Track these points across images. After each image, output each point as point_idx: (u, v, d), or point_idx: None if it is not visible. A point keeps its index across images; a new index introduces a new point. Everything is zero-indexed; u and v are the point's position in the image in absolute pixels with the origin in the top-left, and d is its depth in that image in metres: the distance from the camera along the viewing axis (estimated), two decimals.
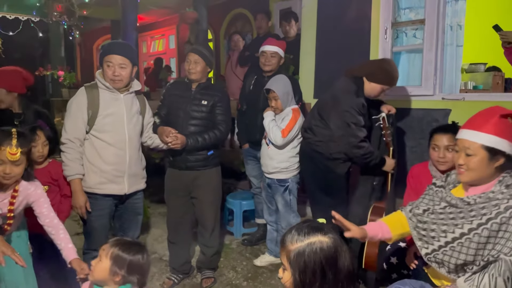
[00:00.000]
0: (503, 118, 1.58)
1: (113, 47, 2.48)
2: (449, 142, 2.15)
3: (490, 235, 1.55)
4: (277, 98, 2.93)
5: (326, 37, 3.86)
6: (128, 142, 2.48)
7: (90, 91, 2.45)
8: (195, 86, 2.85)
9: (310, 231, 1.17)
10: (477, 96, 2.98)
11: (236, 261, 3.33)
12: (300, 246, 1.16)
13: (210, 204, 2.91)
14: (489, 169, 1.60)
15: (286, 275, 1.21)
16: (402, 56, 3.44)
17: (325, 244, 1.15)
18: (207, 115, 2.81)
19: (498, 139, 1.56)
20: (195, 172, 2.84)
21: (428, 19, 3.10)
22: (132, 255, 1.56)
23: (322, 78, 3.89)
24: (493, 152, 1.57)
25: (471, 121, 1.66)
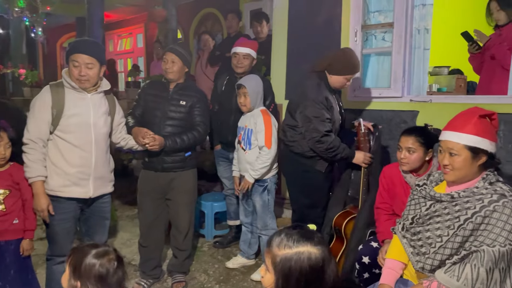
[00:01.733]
0: (482, 118, 1.68)
1: (80, 45, 2.37)
2: (410, 144, 2.20)
3: (474, 228, 1.62)
4: (247, 94, 2.92)
5: (297, 38, 3.87)
6: (95, 144, 2.39)
7: (55, 90, 2.34)
8: (172, 86, 2.79)
9: (300, 239, 1.16)
10: (443, 98, 3.07)
11: (208, 264, 3.28)
12: (287, 252, 1.15)
13: (185, 206, 2.85)
14: (473, 167, 1.68)
15: (269, 277, 1.20)
16: (372, 58, 3.50)
17: (313, 255, 1.14)
18: (185, 115, 2.76)
19: (479, 138, 1.65)
20: (171, 174, 2.78)
21: (396, 22, 3.17)
22: (93, 262, 1.41)
23: (294, 79, 3.91)
24: (476, 151, 1.66)
25: (452, 122, 1.74)
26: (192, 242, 3.08)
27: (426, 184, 1.89)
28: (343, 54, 2.73)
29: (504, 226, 1.57)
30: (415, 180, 2.27)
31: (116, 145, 2.71)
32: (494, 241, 1.56)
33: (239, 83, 2.98)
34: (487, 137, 1.67)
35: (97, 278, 1.41)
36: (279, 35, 4.04)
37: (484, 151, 1.67)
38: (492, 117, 1.72)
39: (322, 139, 2.58)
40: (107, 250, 1.48)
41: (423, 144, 2.20)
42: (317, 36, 3.69)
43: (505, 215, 1.57)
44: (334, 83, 2.71)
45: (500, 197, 1.61)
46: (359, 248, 2.35)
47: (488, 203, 1.61)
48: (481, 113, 1.69)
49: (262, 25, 4.50)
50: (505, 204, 1.59)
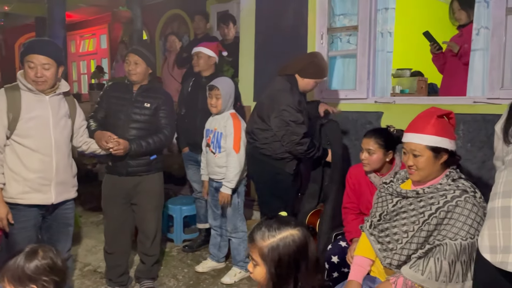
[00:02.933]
0: (440, 118, 1.76)
1: (35, 45, 2.27)
2: (370, 145, 2.27)
3: (437, 222, 1.69)
4: (219, 97, 2.91)
5: (265, 40, 3.89)
6: (55, 148, 2.30)
7: (10, 93, 2.24)
8: (136, 88, 2.73)
9: (280, 225, 1.22)
10: (406, 100, 3.16)
11: (177, 269, 3.23)
12: (273, 241, 1.21)
13: (152, 210, 2.79)
14: (436, 166, 1.77)
15: (259, 270, 1.24)
16: (338, 60, 3.56)
17: (296, 237, 1.21)
18: (150, 118, 2.69)
19: (439, 138, 1.74)
20: (137, 178, 2.71)
21: (361, 25, 3.24)
22: (23, 264, 1.38)
23: (262, 81, 3.91)
24: (437, 150, 1.74)
25: (413, 124, 1.83)
26: (161, 246, 3.03)
27: (393, 181, 1.96)
28: (316, 58, 2.78)
29: (465, 221, 1.65)
30: (379, 180, 2.33)
31: (77, 149, 2.62)
32: (456, 234, 1.64)
33: (212, 84, 2.95)
34: (446, 136, 1.75)
35: (48, 270, 1.40)
36: (246, 37, 4.04)
37: (445, 150, 1.75)
38: (449, 116, 1.81)
39: (301, 141, 2.63)
40: (33, 247, 1.45)
41: (382, 145, 2.27)
42: (285, 38, 3.72)
43: (466, 209, 1.65)
44: (304, 86, 2.75)
45: (462, 192, 1.69)
46: (328, 248, 2.38)
47: (451, 198, 1.69)
48: (438, 113, 1.77)
49: (229, 27, 4.49)
50: (466, 199, 1.67)
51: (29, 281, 1.38)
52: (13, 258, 1.41)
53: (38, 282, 1.38)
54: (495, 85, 2.64)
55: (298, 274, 1.19)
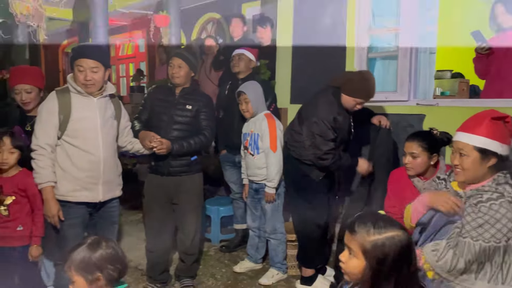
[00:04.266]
0: (494, 121, 1.70)
1: (84, 50, 2.39)
2: (413, 149, 2.23)
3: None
4: (248, 101, 2.94)
5: (302, 42, 3.88)
6: (103, 148, 2.40)
7: (61, 96, 2.36)
8: (179, 91, 2.80)
9: (386, 224, 1.21)
10: (450, 102, 3.08)
11: (215, 268, 3.27)
12: (378, 238, 1.19)
13: (192, 210, 2.85)
14: (482, 169, 1.70)
15: (355, 262, 1.23)
16: (377, 62, 3.51)
17: (403, 238, 1.19)
18: (191, 120, 2.77)
19: (488, 140, 1.67)
20: (178, 178, 2.78)
21: (403, 26, 3.18)
22: (89, 254, 1.47)
23: (299, 83, 3.91)
24: (485, 152, 1.68)
25: (465, 123, 1.77)
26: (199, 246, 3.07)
27: (446, 180, 1.94)
28: (361, 77, 2.67)
29: (494, 224, 1.60)
30: (423, 184, 2.28)
31: (122, 149, 2.71)
32: (480, 235, 1.61)
33: (238, 91, 3.00)
34: (498, 139, 1.68)
35: (111, 260, 1.47)
36: (284, 39, 4.05)
37: (494, 153, 1.68)
38: (506, 120, 1.73)
39: (323, 157, 2.61)
40: (95, 238, 1.54)
41: (426, 149, 2.21)
42: (323, 40, 3.70)
43: (499, 213, 1.60)
44: (344, 102, 2.68)
45: (499, 196, 1.64)
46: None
47: (486, 199, 1.65)
48: (494, 116, 1.71)
49: (266, 29, 4.51)
50: (502, 203, 1.62)
51: (96, 269, 1.45)
52: (76, 250, 1.48)
53: (104, 270, 1.46)
54: None
55: (399, 276, 1.18)
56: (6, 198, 2.34)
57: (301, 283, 2.87)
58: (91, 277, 1.46)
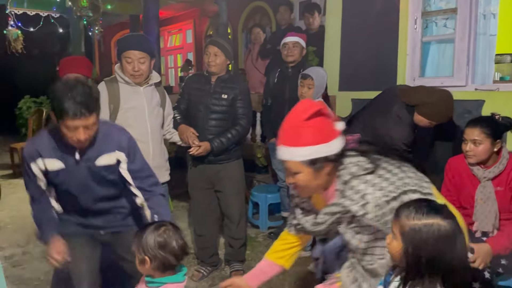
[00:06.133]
0: (307, 121, 1.37)
1: (130, 42, 2.45)
2: (475, 135, 2.12)
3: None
4: (312, 86, 2.92)
5: (351, 28, 3.79)
6: (151, 135, 2.48)
7: (110, 86, 2.45)
8: (214, 79, 2.81)
9: (429, 211, 1.18)
10: (511, 87, 2.90)
11: (264, 254, 3.31)
12: (417, 223, 1.16)
13: (234, 196, 2.92)
14: (321, 178, 1.43)
15: (395, 244, 1.21)
16: (432, 46, 3.37)
17: (443, 228, 1.15)
18: (227, 108, 2.78)
19: (313, 148, 1.37)
20: (217, 166, 2.84)
21: (460, 7, 3.02)
22: (151, 235, 1.52)
23: (348, 70, 3.84)
24: (315, 162, 1.38)
25: (282, 134, 1.43)
26: (247, 232, 3.13)
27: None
28: (441, 101, 2.45)
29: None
30: (483, 173, 2.18)
31: (163, 137, 2.77)
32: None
33: (305, 73, 2.96)
34: (322, 140, 1.37)
35: (159, 247, 1.51)
36: (332, 25, 3.97)
37: (324, 159, 1.38)
38: (321, 113, 1.39)
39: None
40: (162, 223, 1.59)
41: (489, 135, 2.10)
42: (373, 25, 3.59)
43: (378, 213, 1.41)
44: (417, 121, 2.52)
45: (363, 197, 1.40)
46: None
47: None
48: (306, 116, 1.36)
49: (314, 16, 4.45)
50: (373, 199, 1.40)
51: (144, 252, 1.52)
52: (145, 228, 1.56)
53: (151, 255, 1.51)
54: None
55: (439, 267, 1.14)
56: None
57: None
58: (140, 257, 1.53)
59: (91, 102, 1.64)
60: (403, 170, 1.42)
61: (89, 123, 1.64)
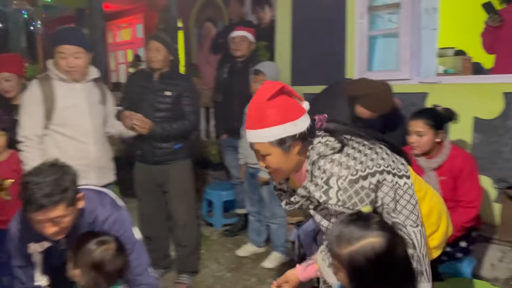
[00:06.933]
0: (271, 101, 1.33)
1: (63, 36, 2.28)
2: (419, 127, 2.18)
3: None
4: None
5: (301, 22, 3.80)
6: (92, 134, 2.34)
7: (44, 83, 2.26)
8: (157, 76, 2.68)
9: (359, 231, 1.10)
10: (453, 79, 3.02)
11: (218, 253, 3.27)
12: (350, 250, 1.09)
13: (180, 198, 2.78)
14: (292, 159, 1.39)
15: (341, 275, 1.14)
16: (379, 40, 3.43)
17: (378, 245, 1.08)
18: (172, 106, 2.65)
19: (279, 127, 1.33)
20: (163, 166, 2.71)
21: (403, 2, 3.08)
22: (90, 250, 1.43)
23: (299, 65, 3.84)
24: (283, 142, 1.35)
25: (248, 118, 1.40)
26: (201, 231, 3.05)
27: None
28: (381, 92, 2.47)
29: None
30: (427, 163, 2.24)
31: (107, 134, 2.59)
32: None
33: (258, 69, 2.91)
34: (288, 119, 1.33)
35: (92, 266, 1.41)
36: (283, 20, 3.97)
37: (293, 137, 1.34)
38: (283, 91, 1.35)
39: None
40: (106, 239, 1.48)
41: (432, 126, 2.17)
42: (322, 19, 3.61)
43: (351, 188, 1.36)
44: (360, 113, 2.53)
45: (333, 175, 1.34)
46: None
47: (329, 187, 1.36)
48: (268, 96, 1.32)
49: (265, 10, 4.42)
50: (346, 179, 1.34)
51: (77, 265, 1.42)
52: (87, 238, 1.45)
53: (85, 269, 1.42)
54: None
55: (382, 285, 1.08)
56: (4, 182, 2.30)
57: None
58: (72, 266, 1.45)
59: (57, 191, 1.41)
60: (376, 151, 1.38)
61: (53, 215, 1.42)
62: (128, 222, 1.71)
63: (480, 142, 2.77)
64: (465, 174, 2.20)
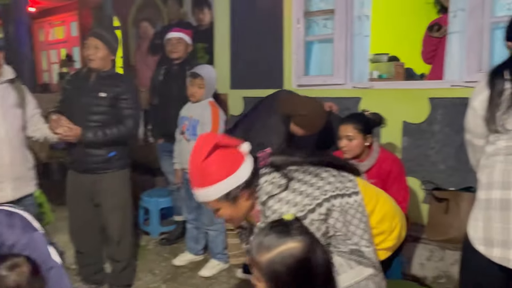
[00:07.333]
0: (207, 159, 1.35)
1: None
2: (348, 132, 2.23)
3: None
4: (203, 86, 2.80)
5: (240, 25, 3.77)
6: (7, 141, 2.14)
7: None
8: (94, 76, 2.51)
9: (277, 237, 1.08)
10: (384, 85, 3.12)
11: (154, 263, 3.14)
12: (269, 257, 1.07)
13: (114, 211, 2.58)
14: (242, 206, 1.40)
15: (261, 286, 1.12)
16: (315, 45, 3.48)
17: (295, 250, 1.06)
18: (108, 109, 2.46)
19: (221, 184, 1.35)
20: (95, 176, 2.51)
21: (337, 9, 3.16)
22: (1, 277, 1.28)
23: (238, 68, 3.81)
24: (228, 195, 1.36)
25: (191, 177, 1.44)
26: (137, 240, 2.92)
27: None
28: (314, 113, 2.44)
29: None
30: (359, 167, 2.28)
31: (32, 139, 2.42)
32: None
33: (195, 72, 2.81)
34: (226, 173, 1.35)
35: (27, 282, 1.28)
36: (221, 22, 3.92)
37: (237, 188, 1.36)
38: (219, 145, 1.36)
39: None
40: (17, 262, 1.32)
41: (361, 130, 2.23)
42: (261, 23, 3.61)
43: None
44: (294, 131, 2.51)
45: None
46: None
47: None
48: (203, 156, 1.35)
49: (204, 12, 4.34)
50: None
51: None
52: None
53: None
54: (473, 68, 2.61)
55: (310, 286, 1.06)
56: None
57: (243, 271, 2.82)
58: None
59: None
60: (322, 177, 1.39)
61: None
62: (43, 245, 1.55)
63: (409, 146, 2.89)
64: (393, 177, 2.27)
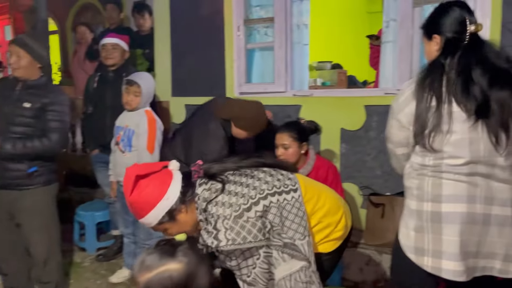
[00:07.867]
0: (132, 195, 1.35)
1: None
2: (284, 140, 2.23)
3: None
4: (139, 94, 2.67)
5: (181, 32, 3.69)
6: None
7: None
8: (21, 85, 2.35)
9: (160, 257, 1.07)
10: (323, 92, 3.17)
11: (89, 281, 2.96)
12: (148, 276, 1.06)
13: (38, 231, 2.39)
14: (185, 219, 1.40)
15: None
16: (256, 53, 3.47)
17: (175, 273, 1.06)
18: (32, 121, 2.29)
19: (155, 211, 1.34)
20: (15, 192, 2.31)
21: (277, 17, 3.17)
22: None
23: (180, 75, 3.72)
24: (166, 217, 1.36)
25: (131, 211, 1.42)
26: (71, 258, 2.72)
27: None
28: (257, 113, 2.42)
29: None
30: None
31: None
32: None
33: (132, 80, 2.68)
34: (156, 200, 1.34)
35: None
36: (161, 28, 3.82)
37: (171, 211, 1.36)
38: (141, 176, 1.37)
39: None
40: None
41: (296, 138, 2.24)
42: (202, 30, 3.55)
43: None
44: (236, 134, 2.47)
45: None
46: None
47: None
48: (129, 193, 1.35)
49: (145, 17, 4.22)
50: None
51: None
52: None
53: None
54: (404, 77, 2.70)
55: None
56: None
57: None
58: None
59: None
60: (259, 177, 1.42)
61: None
62: None
63: (347, 152, 2.94)
64: (329, 183, 2.27)
